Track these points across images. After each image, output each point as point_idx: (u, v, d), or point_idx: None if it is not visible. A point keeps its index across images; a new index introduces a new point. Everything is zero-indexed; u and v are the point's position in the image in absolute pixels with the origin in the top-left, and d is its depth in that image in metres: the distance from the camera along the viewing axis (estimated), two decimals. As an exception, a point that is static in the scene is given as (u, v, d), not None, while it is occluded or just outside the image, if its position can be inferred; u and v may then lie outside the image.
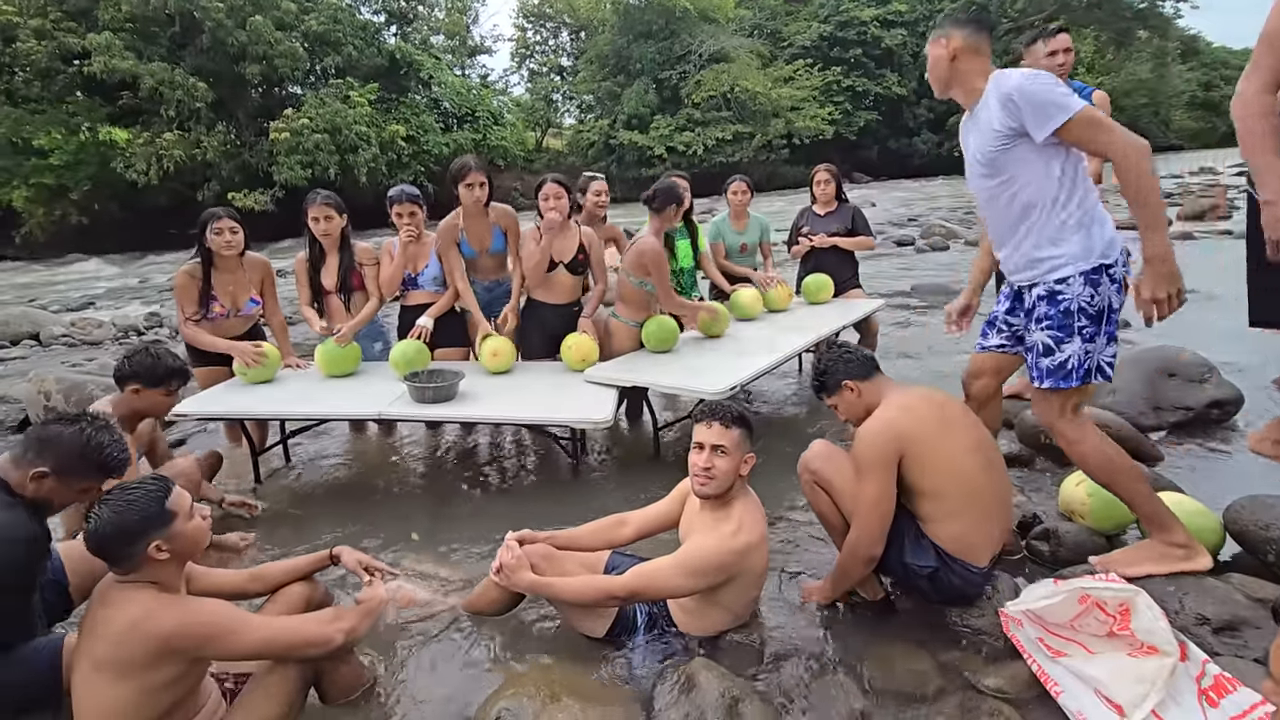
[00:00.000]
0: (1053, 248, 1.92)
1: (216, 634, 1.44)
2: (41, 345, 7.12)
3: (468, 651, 1.99)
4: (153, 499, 1.45)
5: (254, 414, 3.07)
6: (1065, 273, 1.90)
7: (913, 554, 1.90)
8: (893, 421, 1.87)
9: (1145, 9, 32.55)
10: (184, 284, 3.18)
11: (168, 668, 1.40)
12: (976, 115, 1.99)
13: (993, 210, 2.05)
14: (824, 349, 2.08)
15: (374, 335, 3.66)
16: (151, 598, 1.42)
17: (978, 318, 2.53)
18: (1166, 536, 1.91)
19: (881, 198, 20.46)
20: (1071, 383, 1.92)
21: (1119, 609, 1.67)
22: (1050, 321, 1.93)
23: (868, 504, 1.87)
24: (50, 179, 18.59)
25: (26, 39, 17.80)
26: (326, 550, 1.92)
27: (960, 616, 1.95)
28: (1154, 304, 1.78)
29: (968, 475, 1.86)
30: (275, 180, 19.99)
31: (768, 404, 4.11)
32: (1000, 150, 1.91)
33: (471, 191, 3.29)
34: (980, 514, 1.87)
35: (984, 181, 2.02)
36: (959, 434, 1.90)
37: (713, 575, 1.80)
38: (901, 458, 1.84)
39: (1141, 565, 1.90)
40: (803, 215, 4.53)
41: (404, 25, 27.45)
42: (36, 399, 4.13)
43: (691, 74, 28.53)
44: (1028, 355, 2.04)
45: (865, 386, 1.99)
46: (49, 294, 12.05)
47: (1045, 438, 2.97)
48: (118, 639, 1.38)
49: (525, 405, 2.95)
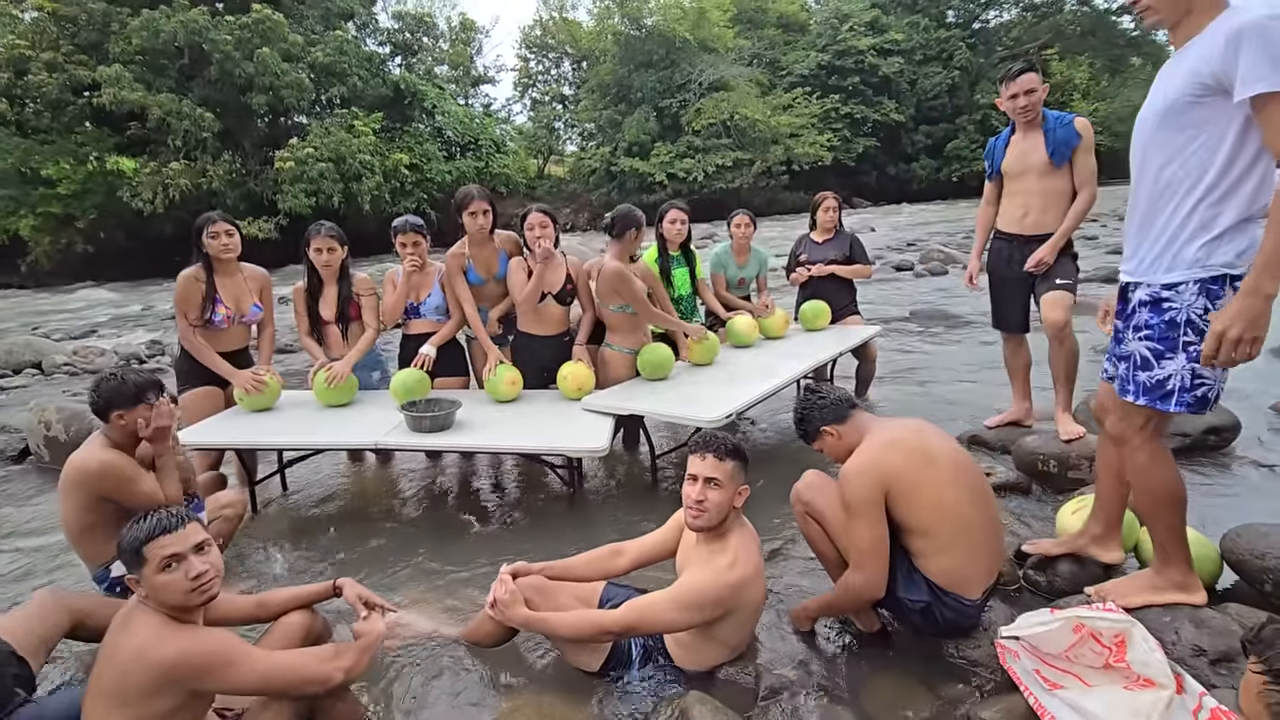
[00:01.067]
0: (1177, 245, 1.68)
1: (217, 665, 1.45)
2: (44, 374, 7.14)
3: (463, 686, 1.98)
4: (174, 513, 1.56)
5: (251, 444, 3.08)
6: (1175, 277, 1.69)
7: (905, 589, 1.89)
8: (875, 461, 1.86)
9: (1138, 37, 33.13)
10: (187, 288, 3.10)
11: (167, 698, 1.41)
12: (1182, 55, 1.66)
13: (1141, 181, 1.79)
14: (802, 392, 2.04)
15: (372, 365, 3.67)
16: (161, 623, 1.46)
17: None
18: (1169, 572, 1.88)
19: (880, 223, 20.63)
20: (1170, 406, 1.71)
21: (1115, 640, 1.66)
22: (1151, 331, 1.74)
23: (863, 547, 1.85)
24: (57, 208, 18.82)
25: (38, 71, 18.17)
26: (329, 582, 1.92)
27: (957, 648, 1.94)
28: (1222, 340, 1.56)
29: (955, 509, 1.84)
30: (280, 208, 20.21)
31: (765, 432, 4.11)
32: (1188, 101, 1.62)
33: (475, 219, 3.34)
34: (970, 546, 1.86)
35: (1150, 134, 1.74)
36: (943, 467, 1.86)
37: (708, 610, 1.79)
38: (887, 495, 1.83)
39: (1138, 595, 1.88)
40: (801, 243, 4.56)
41: (409, 56, 28.01)
42: (37, 429, 4.14)
43: (691, 102, 28.98)
44: (1120, 364, 1.85)
45: (843, 429, 1.99)
46: (53, 322, 12.13)
47: (1042, 464, 2.97)
48: (123, 666, 1.41)
49: (522, 434, 2.96)
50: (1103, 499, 2.14)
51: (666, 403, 3.09)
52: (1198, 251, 1.66)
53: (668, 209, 3.83)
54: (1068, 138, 2.99)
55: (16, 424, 4.53)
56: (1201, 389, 1.69)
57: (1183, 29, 1.67)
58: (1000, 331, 3.47)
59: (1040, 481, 2.98)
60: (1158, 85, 1.75)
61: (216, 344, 3.20)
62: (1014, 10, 36.25)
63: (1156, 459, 1.81)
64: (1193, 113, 1.63)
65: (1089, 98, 34.68)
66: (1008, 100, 3.08)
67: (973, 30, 35.84)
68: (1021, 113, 3.05)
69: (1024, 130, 3.11)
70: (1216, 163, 1.61)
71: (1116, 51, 33.69)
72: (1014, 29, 35.76)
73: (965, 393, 4.42)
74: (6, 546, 3.12)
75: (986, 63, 34.58)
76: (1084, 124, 3.02)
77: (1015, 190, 3.19)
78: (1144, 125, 1.78)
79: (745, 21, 34.80)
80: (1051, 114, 3.06)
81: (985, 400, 4.15)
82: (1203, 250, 1.65)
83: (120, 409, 2.27)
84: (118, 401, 2.28)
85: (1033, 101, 3.02)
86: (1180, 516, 1.84)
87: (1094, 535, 2.15)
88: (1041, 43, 33.63)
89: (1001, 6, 36.41)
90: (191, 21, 18.73)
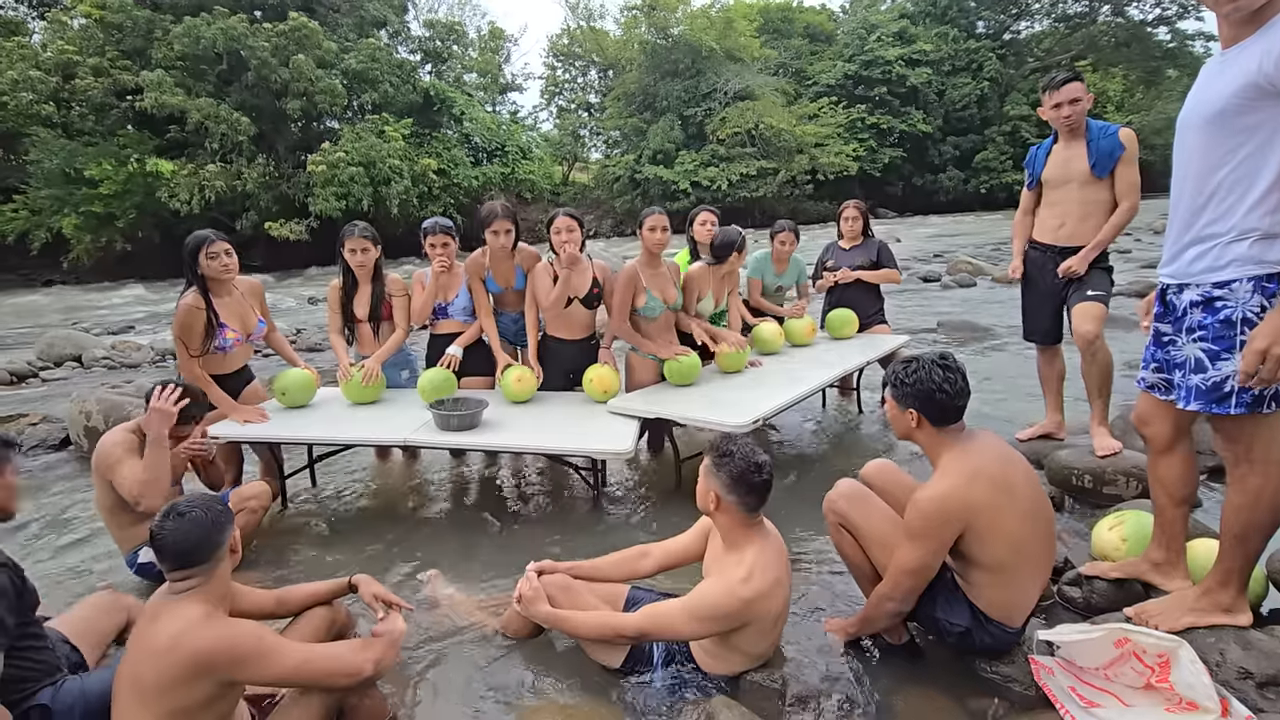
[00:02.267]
0: (1224, 244, 1.63)
1: (252, 655, 1.45)
2: (83, 367, 7.35)
3: (486, 682, 1.99)
4: (215, 500, 1.59)
5: (282, 439, 3.13)
6: (1228, 275, 1.63)
7: (945, 609, 1.84)
8: (960, 494, 1.70)
9: (1174, 48, 32.56)
10: (189, 319, 2.91)
11: (201, 686, 1.41)
12: (1238, 51, 1.59)
13: (1184, 185, 1.73)
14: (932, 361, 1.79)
15: (402, 363, 3.72)
16: (198, 612, 1.45)
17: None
18: (1220, 594, 1.80)
19: (907, 234, 20.44)
20: (1228, 408, 1.65)
21: (1158, 659, 1.62)
22: (1206, 332, 1.67)
23: (906, 568, 1.78)
24: (99, 208, 19.42)
25: (85, 76, 18.80)
26: (346, 578, 1.94)
27: (989, 663, 1.89)
28: (1263, 357, 1.52)
29: (1027, 546, 1.75)
30: (310, 211, 20.64)
31: (791, 439, 4.08)
32: (1240, 105, 1.56)
33: (497, 238, 3.34)
34: (1029, 580, 1.79)
35: (1195, 138, 1.69)
36: (1023, 502, 1.74)
37: (720, 623, 1.77)
38: (963, 531, 1.72)
39: (1182, 618, 1.81)
40: (828, 250, 4.55)
41: (439, 64, 28.46)
42: (78, 419, 4.26)
43: (717, 111, 29.04)
44: (1175, 373, 1.78)
45: (929, 430, 1.81)
46: (92, 317, 12.49)
47: (1076, 479, 2.90)
48: (158, 654, 1.40)
49: (547, 435, 2.97)
50: (1162, 522, 2.04)
51: (692, 407, 3.08)
52: (1251, 248, 1.60)
53: (698, 212, 3.87)
54: (1111, 148, 2.92)
55: (58, 414, 4.66)
56: (1260, 387, 1.60)
57: (1246, 25, 1.59)
58: (1032, 342, 3.41)
59: (1074, 497, 2.92)
60: (1204, 87, 1.69)
61: (222, 366, 3.09)
62: (1046, 21, 35.84)
63: (1275, 481, 1.66)
64: (1245, 118, 1.57)
65: (1123, 110, 34.12)
66: (1050, 109, 3.02)
67: (1003, 41, 35.43)
68: (1064, 122, 2.99)
69: (1066, 140, 3.06)
70: (1271, 168, 1.56)
71: (1152, 64, 33.11)
72: (1045, 40, 35.35)
73: (993, 405, 4.35)
74: (49, 531, 3.21)
75: (1017, 74, 34.18)
76: (1129, 135, 2.95)
77: (1054, 200, 3.13)
78: (1188, 129, 1.72)
79: (772, 31, 34.85)
80: (1096, 124, 3.00)
81: (1015, 413, 4.08)
82: (1256, 247, 1.60)
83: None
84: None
85: (1076, 111, 2.96)
86: (1267, 542, 1.74)
87: (1154, 561, 2.05)
88: (1074, 54, 33.17)
89: (1033, 17, 36.00)
90: (231, 29, 19.27)
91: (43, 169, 18.93)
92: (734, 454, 1.78)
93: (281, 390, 3.25)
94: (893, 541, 1.86)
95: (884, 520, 1.96)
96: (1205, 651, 1.70)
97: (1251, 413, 1.64)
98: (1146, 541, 2.12)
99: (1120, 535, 2.22)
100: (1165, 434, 1.94)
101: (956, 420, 1.80)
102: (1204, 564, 1.94)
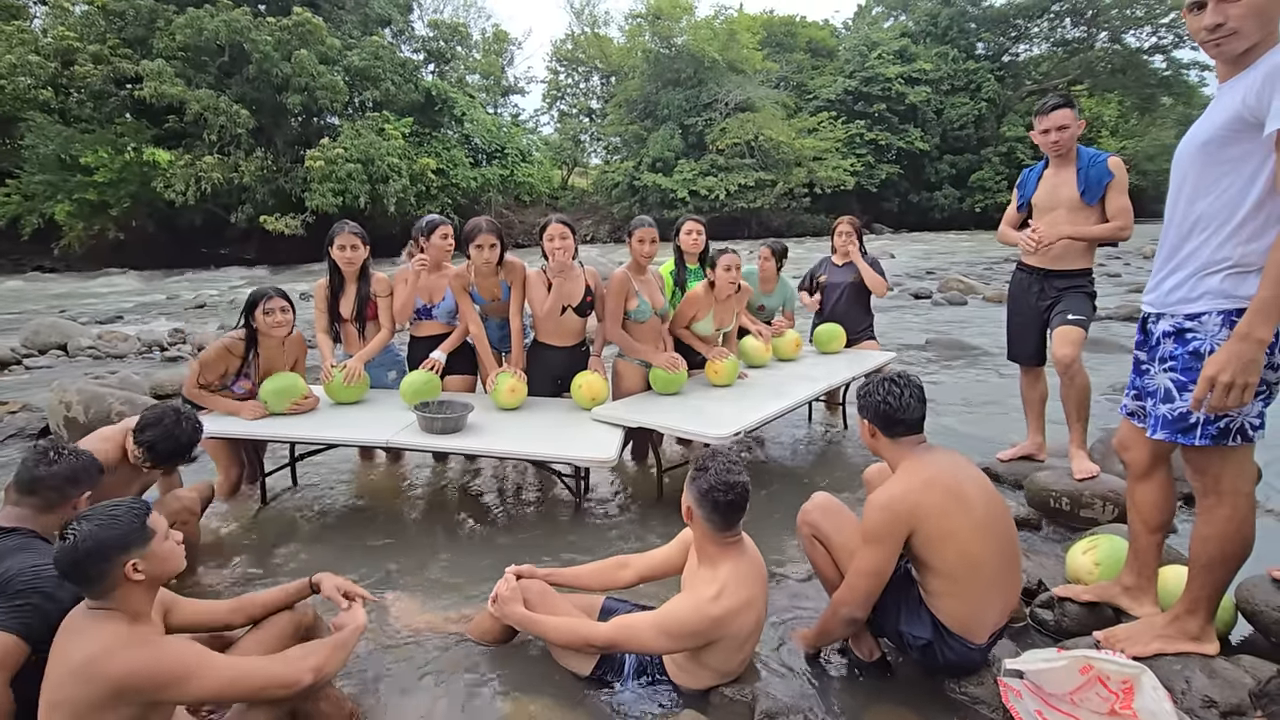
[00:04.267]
0: (1199, 276, 1.67)
1: (175, 678, 1.38)
2: (68, 356, 7.28)
3: (454, 686, 1.98)
4: (135, 515, 1.45)
5: (265, 436, 3.11)
6: (1199, 308, 1.67)
7: (908, 622, 1.86)
8: (908, 498, 1.77)
9: (1169, 76, 33.04)
10: (217, 359, 3.05)
11: (123, 710, 1.35)
12: (1229, 87, 1.64)
13: (1174, 213, 1.76)
14: (888, 380, 1.90)
15: (389, 364, 3.71)
16: (115, 633, 1.38)
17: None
18: (1187, 622, 1.82)
19: (900, 249, 20.57)
20: (1193, 439, 1.68)
21: (1122, 686, 1.63)
22: (1175, 363, 1.71)
23: (861, 570, 1.82)
24: (93, 195, 19.32)
25: (84, 63, 18.74)
26: (306, 579, 1.89)
27: (958, 683, 1.90)
28: (1212, 385, 1.55)
29: (980, 557, 1.77)
30: (307, 206, 20.60)
31: (775, 452, 4.09)
32: (1225, 136, 1.61)
33: (481, 253, 3.28)
34: (987, 595, 1.81)
35: (1186, 167, 1.72)
36: (977, 515, 1.77)
37: (689, 639, 1.78)
38: (912, 533, 1.77)
39: (1150, 644, 1.83)
40: (821, 265, 4.60)
41: (442, 64, 28.53)
42: (57, 408, 4.22)
43: (717, 121, 29.22)
44: (1147, 401, 1.82)
45: (885, 441, 1.90)
46: (80, 305, 12.38)
47: (1054, 501, 2.93)
48: (72, 677, 1.34)
49: (531, 441, 2.96)
50: (1136, 548, 2.06)
51: (676, 417, 3.09)
52: (1223, 283, 1.63)
53: (684, 221, 3.86)
54: (1100, 176, 2.93)
55: (38, 403, 4.62)
56: (1224, 420, 1.63)
57: (1237, 64, 1.63)
58: (1017, 363, 3.44)
59: (1051, 518, 2.94)
60: (1199, 120, 1.74)
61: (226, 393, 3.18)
62: (1044, 45, 36.34)
63: (1244, 509, 1.69)
64: (1229, 149, 1.61)
65: (1117, 135, 34.50)
66: (1040, 134, 3.05)
67: (1002, 63, 35.88)
68: (1053, 147, 3.01)
69: (1056, 165, 3.06)
70: (1249, 201, 1.59)
71: (1147, 90, 33.58)
72: (1043, 64, 35.80)
73: (978, 424, 4.38)
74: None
75: (1015, 95, 34.55)
76: (1117, 163, 2.95)
77: (1046, 224, 3.10)
78: (1181, 157, 1.76)
79: (774, 45, 35.13)
80: (1086, 151, 3.01)
81: (997, 433, 4.11)
82: (1228, 282, 1.63)
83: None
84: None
85: (1064, 138, 2.98)
86: (1234, 573, 1.77)
87: (1125, 586, 2.07)
88: (1071, 78, 33.60)
89: (1032, 41, 36.51)
90: (234, 21, 19.26)
91: (38, 154, 18.82)
92: (709, 469, 1.79)
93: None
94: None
95: (855, 532, 1.97)
96: (1170, 679, 1.72)
97: (1216, 445, 1.66)
98: (1119, 566, 2.14)
99: (1094, 559, 2.24)
100: (1144, 460, 1.96)
101: (908, 433, 1.88)
102: (1174, 590, 1.96)
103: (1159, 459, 1.96)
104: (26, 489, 1.63)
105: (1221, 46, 1.63)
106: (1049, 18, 34.60)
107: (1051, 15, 34.37)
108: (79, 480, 1.69)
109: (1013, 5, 34.54)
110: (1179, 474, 1.97)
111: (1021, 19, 35.01)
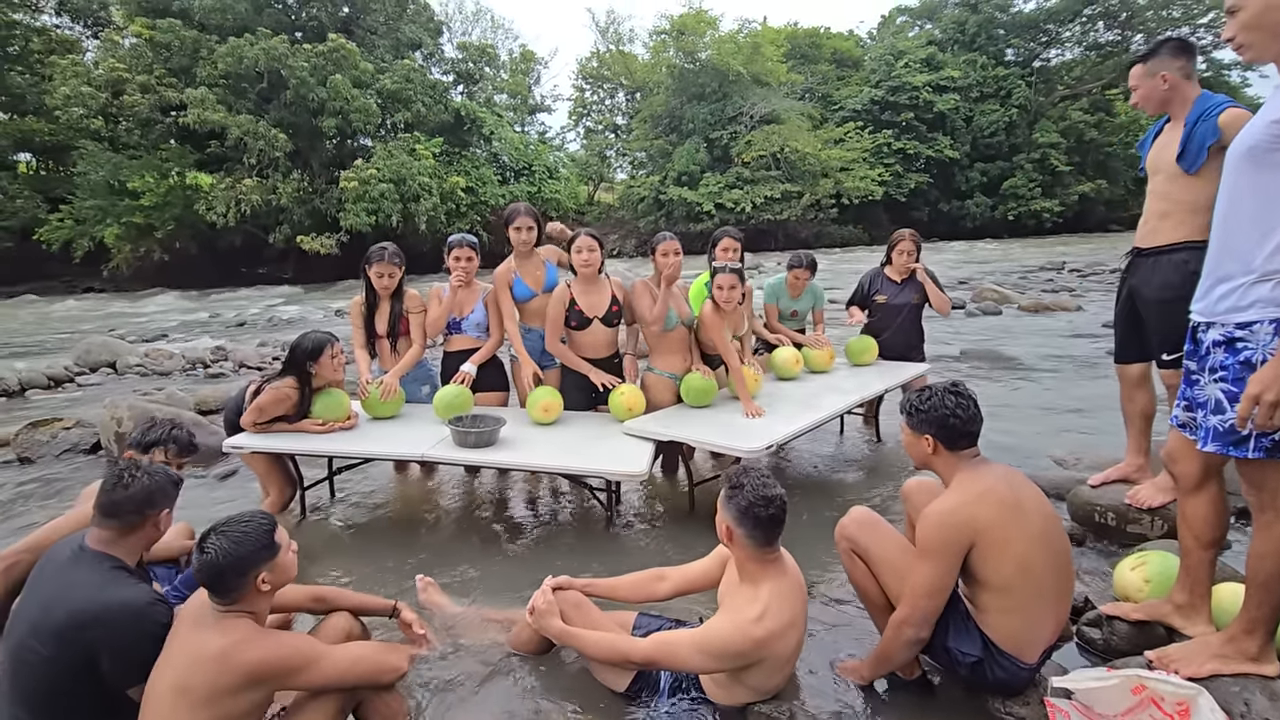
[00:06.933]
0: (1249, 284, 1.61)
1: (302, 665, 1.51)
2: (117, 373, 7.57)
3: (490, 695, 1.99)
4: (264, 531, 1.56)
5: (303, 450, 3.19)
6: (1250, 316, 1.61)
7: (956, 639, 1.81)
8: (967, 509, 1.73)
9: (1210, 78, 32.14)
10: (274, 402, 3.09)
11: (250, 695, 1.47)
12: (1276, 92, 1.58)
13: (1222, 220, 1.72)
14: (944, 390, 1.86)
15: (423, 379, 3.78)
16: (246, 628, 1.50)
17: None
18: (1245, 642, 1.74)
19: (932, 260, 20.00)
20: (1246, 452, 1.61)
21: (1178, 708, 1.57)
22: (1226, 373, 1.65)
23: (923, 588, 1.76)
24: (140, 218, 20.15)
25: (133, 92, 19.62)
26: (391, 601, 2.03)
27: (1003, 703, 1.85)
28: (1258, 404, 1.51)
29: (1036, 571, 1.73)
30: (341, 225, 21.15)
31: (808, 466, 4.05)
32: (1269, 140, 1.56)
33: (519, 234, 3.48)
34: (1040, 609, 1.76)
35: (1233, 174, 1.68)
36: (1033, 525, 1.74)
37: (730, 660, 1.75)
38: (971, 547, 1.72)
39: (1206, 664, 1.75)
40: (876, 280, 4.29)
41: (470, 85, 29.17)
42: (109, 424, 4.38)
43: (742, 134, 29.27)
44: (1198, 412, 1.76)
45: (944, 454, 1.85)
46: (128, 324, 12.87)
47: (1100, 516, 2.84)
48: (207, 665, 1.44)
49: (562, 455, 2.98)
50: (1188, 564, 1.98)
51: (707, 431, 3.08)
52: (1274, 290, 1.57)
53: (721, 236, 3.80)
54: (1204, 136, 2.28)
55: (90, 419, 4.80)
56: (1279, 432, 1.56)
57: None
58: (1119, 365, 2.86)
59: (1096, 534, 2.85)
60: (1249, 122, 1.69)
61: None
62: (1077, 50, 35.66)
63: None
64: (1276, 153, 1.56)
65: (1156, 139, 33.59)
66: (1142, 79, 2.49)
67: (1032, 69, 35.29)
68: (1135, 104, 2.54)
69: (1175, 121, 2.46)
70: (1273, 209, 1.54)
71: (1186, 92, 32.65)
72: (1076, 68, 35.16)
73: (1015, 437, 4.27)
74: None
75: (1046, 101, 33.95)
76: (1231, 117, 2.22)
77: (1149, 192, 2.59)
78: (1229, 163, 1.71)
79: (799, 56, 35.13)
80: (1207, 99, 2.34)
81: (1036, 444, 4.01)
82: (1267, 291, 1.57)
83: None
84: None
85: (1139, 98, 2.49)
86: None
87: (1177, 604, 1.99)
88: (1105, 82, 32.92)
89: (1064, 45, 35.85)
90: (273, 49, 19.99)
91: (89, 180, 19.71)
92: (744, 486, 1.77)
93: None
94: (904, 566, 1.85)
95: (896, 546, 1.93)
96: (1229, 701, 1.65)
97: (1271, 458, 1.60)
98: (1170, 583, 2.06)
99: (1143, 576, 2.17)
100: (1195, 473, 1.88)
101: (969, 445, 1.84)
102: (1230, 609, 1.89)
103: (1210, 472, 1.88)
104: (107, 512, 1.67)
105: (1243, 58, 1.62)
106: (1081, 22, 33.94)
107: (1084, 19, 33.70)
108: (155, 501, 1.72)
109: (1043, 10, 34.01)
110: (1233, 487, 1.90)
111: (1052, 24, 34.43)
